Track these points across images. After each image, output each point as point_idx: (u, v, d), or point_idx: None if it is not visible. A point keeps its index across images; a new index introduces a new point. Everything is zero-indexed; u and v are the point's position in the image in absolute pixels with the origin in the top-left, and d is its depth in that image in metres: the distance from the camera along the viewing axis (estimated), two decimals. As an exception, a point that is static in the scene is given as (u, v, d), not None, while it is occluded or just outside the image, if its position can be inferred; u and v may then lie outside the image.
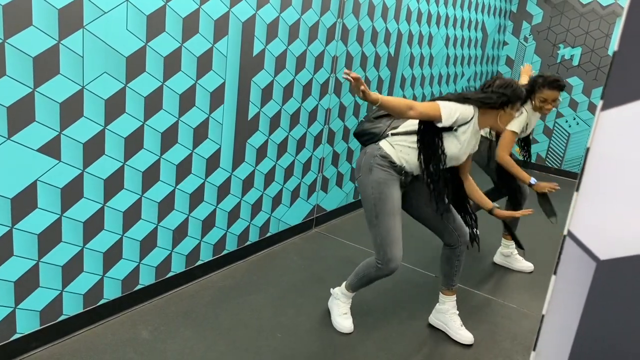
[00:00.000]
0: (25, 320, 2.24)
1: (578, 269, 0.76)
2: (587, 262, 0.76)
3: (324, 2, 3.41)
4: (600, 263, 0.76)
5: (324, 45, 3.54)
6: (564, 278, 0.78)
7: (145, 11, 2.34)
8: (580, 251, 0.76)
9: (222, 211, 3.11)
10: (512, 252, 3.75)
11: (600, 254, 0.75)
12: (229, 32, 2.79)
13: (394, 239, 2.44)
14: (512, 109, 2.43)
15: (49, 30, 2.02)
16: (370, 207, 2.47)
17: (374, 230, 2.48)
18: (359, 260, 3.55)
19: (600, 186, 0.74)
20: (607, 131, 0.71)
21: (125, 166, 2.46)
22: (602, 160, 0.73)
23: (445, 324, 2.77)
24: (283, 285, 3.13)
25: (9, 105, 1.96)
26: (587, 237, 0.76)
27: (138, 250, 2.66)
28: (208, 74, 2.73)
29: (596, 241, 0.75)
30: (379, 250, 2.47)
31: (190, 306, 2.80)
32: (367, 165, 2.48)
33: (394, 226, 2.45)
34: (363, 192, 2.50)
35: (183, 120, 2.67)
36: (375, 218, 2.45)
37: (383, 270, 2.49)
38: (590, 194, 0.75)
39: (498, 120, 2.44)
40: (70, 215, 2.29)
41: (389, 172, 2.46)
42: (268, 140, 3.30)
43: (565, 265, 0.77)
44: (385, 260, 2.46)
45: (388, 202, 2.43)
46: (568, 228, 0.77)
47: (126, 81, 2.35)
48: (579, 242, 0.76)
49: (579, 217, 0.76)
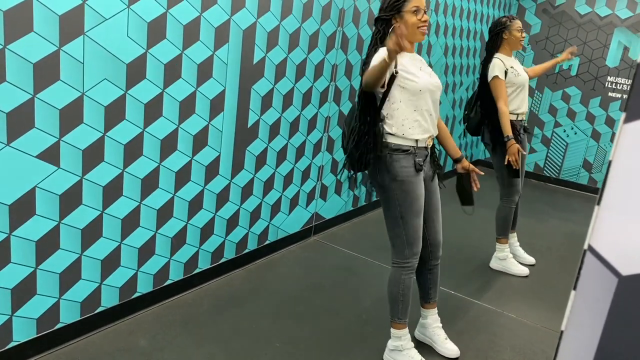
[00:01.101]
0: (22, 328, 2.22)
1: (599, 284, 0.74)
2: (608, 278, 0.74)
3: (324, 11, 3.42)
4: (622, 279, 0.74)
5: (324, 53, 3.55)
6: (584, 294, 0.76)
7: (147, 18, 2.34)
8: (602, 266, 0.75)
9: (221, 219, 3.10)
10: (507, 255, 3.77)
11: (622, 270, 0.74)
12: (230, 40, 2.79)
13: (418, 236, 2.42)
14: (399, 20, 2.31)
15: (50, 36, 2.01)
16: (394, 209, 2.40)
17: (397, 230, 2.42)
18: (358, 269, 3.55)
19: (622, 200, 0.73)
20: (630, 144, 0.70)
21: (124, 173, 2.45)
22: (624, 174, 0.72)
23: (430, 339, 2.73)
24: (281, 294, 3.11)
25: (8, 112, 1.95)
26: (608, 252, 0.74)
27: (136, 258, 2.64)
28: (208, 81, 2.73)
29: (618, 256, 0.73)
30: (404, 249, 2.43)
31: (188, 314, 2.78)
32: (382, 166, 2.37)
33: (420, 224, 2.42)
34: (383, 194, 2.42)
35: (183, 128, 2.67)
36: (401, 219, 2.39)
37: (411, 265, 2.45)
38: (612, 207, 0.73)
39: (407, 35, 2.22)
40: (68, 222, 2.27)
41: (408, 167, 2.35)
42: (267, 147, 3.29)
43: (585, 280, 0.76)
44: (412, 254, 2.43)
45: (415, 202, 2.38)
46: (589, 242, 0.75)
47: (126, 88, 2.34)
48: (600, 257, 0.75)
49: (600, 231, 0.74)
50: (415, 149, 2.38)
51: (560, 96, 6.39)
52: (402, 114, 2.33)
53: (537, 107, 6.54)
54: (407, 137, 2.36)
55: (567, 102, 6.35)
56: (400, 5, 2.31)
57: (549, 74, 6.39)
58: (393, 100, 2.32)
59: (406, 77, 2.29)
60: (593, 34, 6.09)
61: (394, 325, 2.54)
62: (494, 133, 3.56)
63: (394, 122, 2.34)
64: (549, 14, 6.33)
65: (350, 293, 3.22)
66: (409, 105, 2.33)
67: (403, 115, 2.33)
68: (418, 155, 2.39)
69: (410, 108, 2.33)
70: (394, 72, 2.26)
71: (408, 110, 2.33)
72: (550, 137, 6.53)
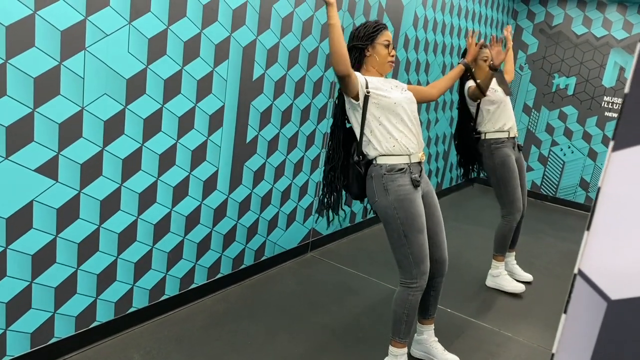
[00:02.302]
0: (16, 342, 2.20)
1: (588, 308, 0.76)
2: (597, 302, 0.76)
3: (324, 29, 3.46)
4: (611, 303, 0.76)
5: (323, 70, 3.58)
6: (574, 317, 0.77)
7: (147, 34, 2.36)
8: (591, 290, 0.76)
9: (218, 234, 3.10)
10: (501, 272, 3.77)
11: (612, 294, 0.75)
12: (230, 57, 2.81)
13: (426, 254, 2.40)
14: (371, 50, 2.46)
15: (51, 51, 2.03)
16: (396, 228, 2.39)
17: (402, 250, 2.40)
18: (354, 286, 3.54)
19: (611, 226, 0.74)
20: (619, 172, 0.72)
21: (122, 187, 2.45)
22: (613, 200, 0.74)
23: (428, 353, 2.72)
24: (277, 310, 3.10)
25: (8, 125, 1.96)
26: (598, 276, 0.76)
27: (132, 273, 2.63)
28: (208, 97, 2.75)
29: (607, 281, 0.75)
30: (411, 268, 2.40)
31: (182, 330, 2.77)
32: (380, 187, 2.41)
33: (424, 242, 2.40)
34: (384, 215, 2.42)
35: (181, 143, 2.68)
36: (405, 238, 2.38)
37: (419, 286, 2.42)
38: (602, 233, 0.75)
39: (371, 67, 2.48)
40: (65, 236, 2.27)
41: (405, 185, 2.38)
42: (265, 163, 3.30)
43: (575, 304, 0.77)
44: (419, 274, 2.40)
45: (416, 219, 2.37)
46: (579, 267, 0.77)
47: (126, 103, 2.36)
48: (590, 281, 0.76)
49: (589, 256, 0.76)
50: (410, 165, 2.41)
51: (557, 115, 6.44)
52: (384, 131, 2.40)
53: (534, 125, 6.58)
54: (398, 153, 2.40)
55: (564, 121, 6.39)
56: (374, 37, 2.45)
57: (546, 93, 6.44)
58: (372, 120, 2.40)
59: (379, 95, 2.37)
60: (589, 54, 6.15)
61: (394, 344, 2.53)
62: (477, 150, 3.64)
63: (380, 141, 2.40)
64: (546, 34, 6.40)
65: (347, 310, 3.21)
66: (388, 120, 2.40)
67: (386, 131, 2.40)
68: (413, 172, 2.41)
69: (390, 123, 2.40)
70: (366, 93, 2.35)
71: (389, 125, 2.39)
72: (547, 156, 6.56)
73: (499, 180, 3.59)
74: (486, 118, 3.59)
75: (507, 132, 3.59)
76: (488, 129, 3.60)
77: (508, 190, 3.58)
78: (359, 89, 2.34)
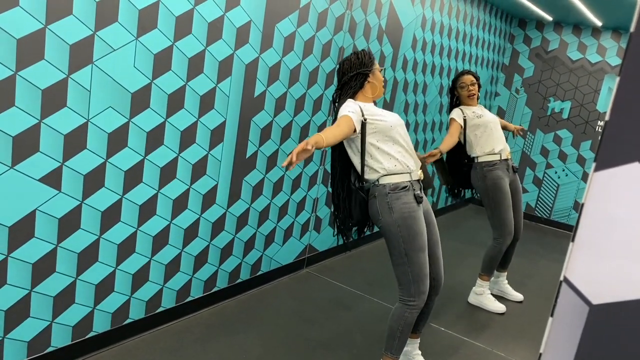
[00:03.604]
0: (13, 350, 2.21)
1: (572, 312, 0.84)
2: (580, 306, 0.84)
3: (324, 49, 3.53)
4: (593, 307, 0.84)
5: (323, 89, 3.64)
6: (559, 320, 0.85)
7: (153, 50, 2.42)
8: (575, 296, 0.84)
9: (215, 247, 3.13)
10: (484, 291, 3.82)
11: (593, 299, 0.84)
12: (232, 74, 2.87)
13: (425, 273, 2.44)
14: (371, 76, 2.57)
15: (60, 64, 2.08)
16: (397, 245, 2.43)
17: (402, 268, 2.44)
18: (349, 303, 3.56)
19: (593, 238, 0.83)
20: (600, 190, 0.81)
21: (123, 199, 2.49)
22: (595, 215, 0.82)
23: None
24: (272, 325, 3.12)
25: (14, 135, 2.00)
26: (581, 283, 0.84)
27: (130, 284, 2.66)
28: (210, 112, 2.80)
29: (589, 287, 0.84)
30: (410, 286, 2.44)
31: (178, 343, 2.78)
32: (384, 206, 2.45)
33: (425, 261, 2.44)
34: (388, 233, 2.46)
35: (183, 156, 2.72)
36: (405, 256, 2.42)
37: (417, 305, 2.45)
38: (584, 245, 0.83)
39: (370, 92, 2.59)
40: (65, 246, 2.30)
41: (409, 202, 2.43)
42: (264, 178, 3.35)
43: (560, 308, 0.85)
44: (418, 293, 2.43)
45: (417, 238, 2.41)
46: (564, 274, 0.86)
47: (130, 116, 2.41)
48: (574, 287, 0.85)
49: (573, 264, 0.85)
50: (412, 182, 2.47)
51: (552, 138, 6.53)
52: (384, 153, 2.47)
53: (530, 148, 6.67)
54: (400, 172, 2.46)
55: (559, 144, 6.48)
56: (372, 64, 2.58)
57: (542, 116, 6.54)
58: (370, 145, 2.47)
59: (375, 120, 2.46)
60: (584, 79, 6.27)
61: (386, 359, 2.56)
62: (467, 175, 3.75)
63: (381, 163, 2.46)
64: (541, 59, 6.52)
65: (341, 327, 3.23)
66: (387, 142, 2.47)
67: (385, 153, 2.47)
68: (415, 189, 2.48)
69: (388, 144, 2.47)
70: (363, 120, 2.44)
71: (387, 147, 2.47)
72: (542, 178, 6.63)
73: (490, 202, 3.64)
74: (474, 143, 3.66)
75: (499, 154, 3.65)
76: (478, 153, 3.66)
77: (499, 213, 3.62)
78: (355, 125, 2.40)
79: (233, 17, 2.77)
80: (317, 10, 3.34)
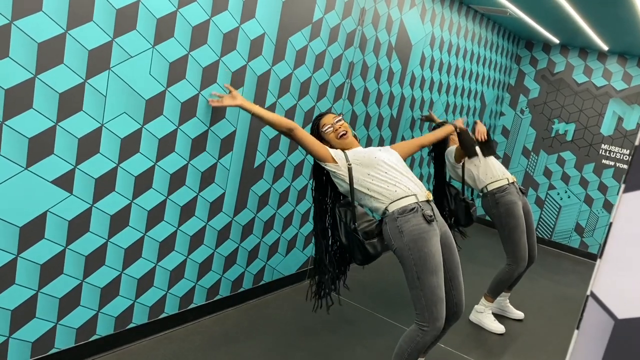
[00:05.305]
0: (17, 350, 2.23)
1: (598, 325, 0.88)
2: (606, 320, 0.88)
3: (335, 63, 3.57)
4: (618, 322, 0.88)
5: (332, 102, 3.68)
6: (585, 333, 0.89)
7: (169, 58, 2.46)
8: (601, 310, 0.89)
9: (220, 255, 3.15)
10: (485, 310, 3.80)
11: (619, 314, 0.88)
12: (245, 84, 2.91)
13: (439, 298, 2.36)
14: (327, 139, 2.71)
15: (78, 69, 2.12)
16: (410, 269, 2.38)
17: (415, 291, 2.38)
18: (350, 317, 3.56)
19: (619, 255, 0.88)
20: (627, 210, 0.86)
21: (133, 204, 2.51)
22: (622, 233, 0.87)
23: None
24: (273, 336, 3.13)
25: (31, 137, 2.03)
26: (607, 297, 0.89)
27: (135, 289, 2.67)
28: (221, 121, 2.84)
29: (615, 302, 0.88)
30: (424, 311, 2.36)
31: (179, 350, 2.79)
32: (394, 230, 2.44)
33: (439, 284, 2.36)
34: (401, 258, 2.43)
35: (192, 164, 2.75)
36: (418, 279, 2.36)
37: (430, 331, 2.37)
38: (612, 261, 0.88)
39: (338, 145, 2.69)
40: (74, 248, 2.32)
41: (419, 223, 2.40)
42: (271, 188, 3.37)
43: (587, 321, 0.89)
44: (432, 319, 2.35)
45: (429, 260, 2.35)
46: (591, 289, 0.90)
47: (143, 122, 2.44)
48: (600, 302, 0.89)
49: (600, 279, 0.89)
50: (419, 204, 2.46)
51: (555, 160, 6.56)
52: (380, 182, 2.51)
53: (533, 169, 6.70)
54: (403, 195, 2.47)
55: (562, 166, 6.51)
56: (318, 130, 2.74)
57: (546, 137, 6.58)
58: (361, 181, 2.54)
59: (356, 158, 2.56)
60: (589, 102, 6.31)
61: None
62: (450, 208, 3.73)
63: (380, 192, 2.51)
64: (547, 80, 6.57)
65: (341, 340, 3.23)
66: (378, 173, 2.52)
67: (381, 182, 2.51)
68: (424, 209, 2.46)
69: (380, 174, 2.52)
70: (348, 165, 2.54)
71: (380, 175, 2.52)
72: (544, 199, 6.65)
73: (504, 228, 3.63)
74: (476, 174, 3.68)
75: (506, 178, 3.66)
76: (486, 181, 3.67)
77: (513, 239, 3.61)
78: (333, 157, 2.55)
79: (248, 29, 2.81)
80: (329, 25, 3.39)
